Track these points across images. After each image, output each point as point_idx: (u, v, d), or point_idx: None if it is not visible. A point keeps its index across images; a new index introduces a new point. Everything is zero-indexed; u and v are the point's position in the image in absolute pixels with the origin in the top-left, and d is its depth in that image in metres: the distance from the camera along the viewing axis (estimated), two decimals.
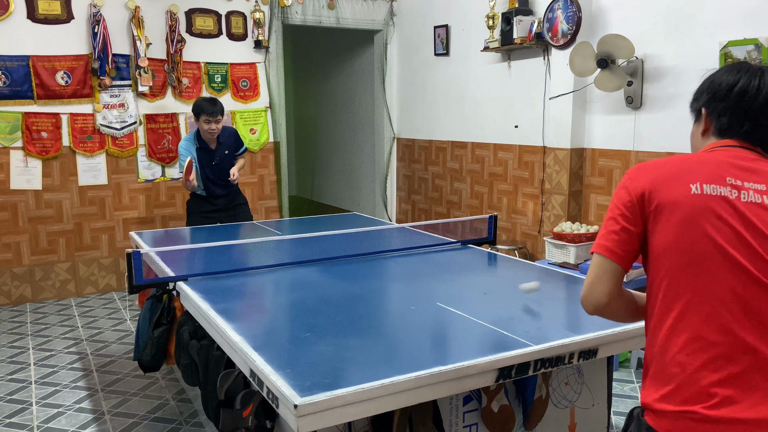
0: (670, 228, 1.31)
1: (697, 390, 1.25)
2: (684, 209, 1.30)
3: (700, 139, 1.48)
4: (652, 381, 1.34)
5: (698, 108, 1.48)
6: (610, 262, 1.37)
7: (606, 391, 2.48)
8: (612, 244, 1.37)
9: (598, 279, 1.39)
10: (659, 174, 1.36)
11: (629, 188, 1.37)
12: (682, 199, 1.30)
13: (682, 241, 1.29)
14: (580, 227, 4.20)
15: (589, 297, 1.40)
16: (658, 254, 1.33)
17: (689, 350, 1.27)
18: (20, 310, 4.98)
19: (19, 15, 4.86)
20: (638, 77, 3.95)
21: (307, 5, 5.90)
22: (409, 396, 1.65)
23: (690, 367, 1.27)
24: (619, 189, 1.40)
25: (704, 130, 1.46)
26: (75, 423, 3.12)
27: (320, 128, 8.05)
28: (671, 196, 1.31)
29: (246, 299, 2.51)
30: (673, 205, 1.31)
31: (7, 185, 4.98)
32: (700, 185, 1.31)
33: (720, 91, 1.41)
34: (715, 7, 3.54)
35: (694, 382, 1.26)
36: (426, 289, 2.57)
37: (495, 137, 5.20)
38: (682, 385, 1.27)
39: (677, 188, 1.32)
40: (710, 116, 1.44)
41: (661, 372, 1.31)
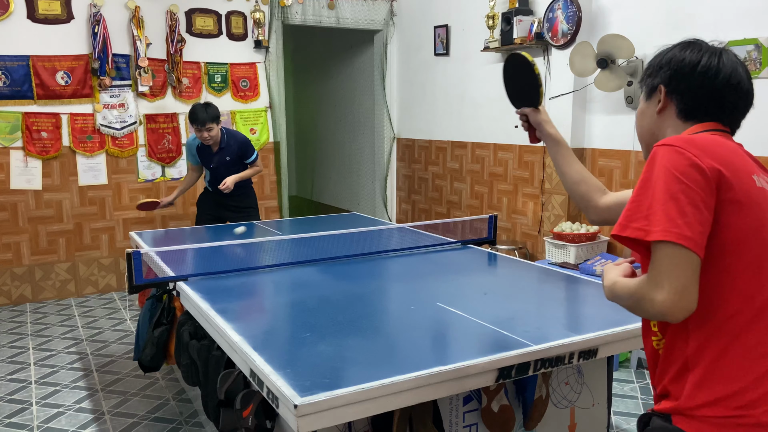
0: (748, 221, 1.18)
1: (760, 395, 1.19)
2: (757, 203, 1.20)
3: (654, 119, 1.38)
4: (699, 385, 1.21)
5: (654, 84, 1.37)
6: (698, 259, 1.14)
7: (606, 391, 2.48)
8: (698, 236, 1.14)
9: (692, 281, 1.14)
10: (722, 155, 1.20)
11: (701, 165, 1.16)
12: (753, 191, 1.20)
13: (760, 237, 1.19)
14: (580, 227, 4.20)
15: (688, 305, 1.15)
16: (731, 248, 1.18)
17: (756, 353, 1.20)
18: (20, 310, 4.99)
19: (19, 15, 4.86)
20: (638, 77, 3.95)
21: (307, 5, 5.90)
22: (409, 396, 1.65)
23: (756, 372, 1.20)
24: (686, 166, 1.16)
25: (661, 108, 1.36)
26: (75, 423, 3.12)
27: (320, 128, 8.05)
28: (744, 186, 1.19)
29: (246, 299, 2.51)
30: (748, 196, 1.18)
31: (7, 185, 4.98)
32: (759, 178, 1.23)
33: (683, 67, 1.32)
34: (715, 7, 3.54)
35: (758, 386, 1.19)
36: (426, 289, 2.57)
37: (495, 137, 5.20)
38: (745, 389, 1.19)
39: (745, 177, 1.20)
40: (672, 95, 1.34)
41: (718, 374, 1.21)
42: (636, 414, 3.15)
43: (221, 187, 4.35)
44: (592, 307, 2.39)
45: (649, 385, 3.46)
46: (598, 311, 2.32)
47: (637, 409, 3.20)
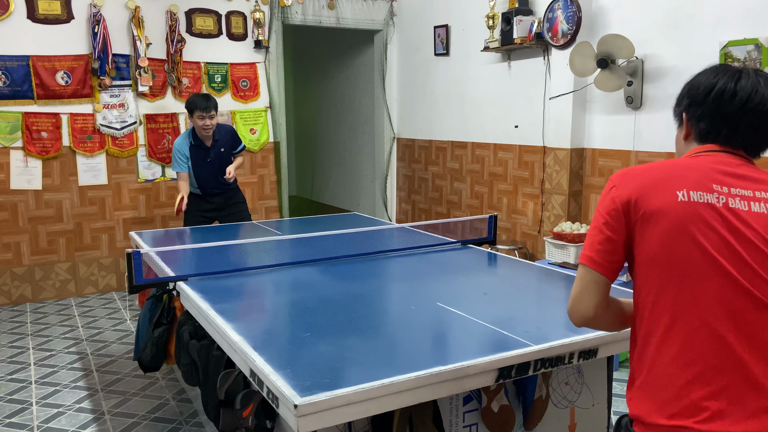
0: (657, 236, 1.27)
1: (688, 404, 1.23)
2: (671, 217, 1.26)
3: (683, 145, 1.45)
4: (641, 393, 1.30)
5: (680, 113, 1.45)
6: (595, 274, 1.33)
7: (606, 391, 2.48)
8: (596, 254, 1.33)
9: (583, 291, 1.35)
10: (644, 180, 1.31)
11: (614, 196, 1.32)
12: (669, 207, 1.26)
13: (670, 250, 1.26)
14: (580, 227, 4.20)
15: (576, 310, 1.37)
16: (645, 263, 1.29)
17: (679, 363, 1.25)
18: (20, 310, 4.98)
19: (19, 15, 4.86)
20: (638, 77, 3.95)
21: (307, 5, 5.90)
22: (409, 396, 1.65)
23: (680, 381, 1.24)
24: (603, 197, 1.35)
25: (686, 135, 1.43)
26: (75, 423, 3.12)
27: (320, 128, 8.05)
28: (658, 204, 1.27)
29: (246, 299, 2.51)
30: (659, 213, 1.27)
31: (7, 185, 4.98)
32: (687, 192, 1.27)
33: (698, 95, 1.38)
34: (715, 7, 3.54)
35: (684, 395, 1.24)
36: (426, 289, 2.57)
37: (495, 137, 5.20)
38: (673, 398, 1.25)
39: (664, 195, 1.28)
40: (690, 121, 1.41)
41: (651, 384, 1.28)
42: None
43: (227, 177, 4.41)
44: None
45: None
46: None
47: None
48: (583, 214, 4.49)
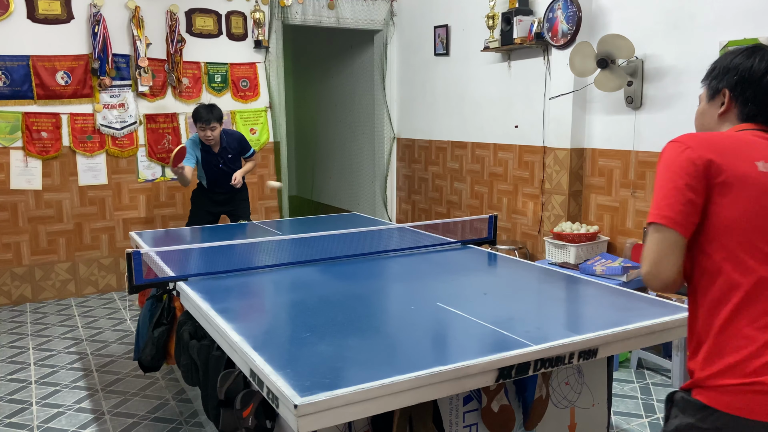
0: (741, 202, 1.28)
1: (764, 363, 1.24)
2: (755, 185, 1.28)
3: (715, 120, 1.45)
4: (709, 357, 1.30)
5: (719, 87, 1.43)
6: (676, 235, 1.30)
7: (606, 391, 2.48)
8: (678, 215, 1.30)
9: (665, 254, 1.31)
10: (721, 146, 1.32)
11: (693, 157, 1.31)
12: (752, 175, 1.28)
13: (756, 217, 1.27)
14: (580, 227, 4.20)
15: (659, 274, 1.32)
16: (724, 228, 1.29)
17: (760, 324, 1.26)
18: (20, 310, 4.98)
19: (19, 15, 4.86)
20: (638, 77, 3.95)
21: (307, 5, 5.90)
22: (409, 396, 1.65)
23: (760, 340, 1.25)
24: (679, 157, 1.32)
25: (724, 111, 1.43)
26: (75, 423, 3.12)
27: (320, 128, 8.05)
28: (740, 170, 1.29)
29: (246, 299, 2.51)
30: (743, 179, 1.28)
31: (7, 185, 4.98)
32: (765, 164, 1.30)
33: (751, 76, 1.38)
34: (715, 7, 3.54)
35: (763, 354, 1.25)
36: (426, 289, 2.57)
37: (495, 137, 5.20)
38: (750, 357, 1.25)
39: (744, 163, 1.29)
40: (735, 99, 1.41)
41: (723, 346, 1.29)
42: (636, 414, 3.15)
43: (233, 182, 4.55)
44: (592, 307, 2.39)
45: (649, 385, 3.47)
46: (598, 311, 2.32)
47: (637, 409, 3.20)
48: (583, 214, 4.49)
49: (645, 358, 3.67)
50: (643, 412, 3.16)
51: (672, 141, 1.37)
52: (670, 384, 3.46)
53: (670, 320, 2.06)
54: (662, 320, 2.05)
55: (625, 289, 2.50)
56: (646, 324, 2.02)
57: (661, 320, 2.05)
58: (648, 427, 3.02)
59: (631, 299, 2.34)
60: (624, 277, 3.53)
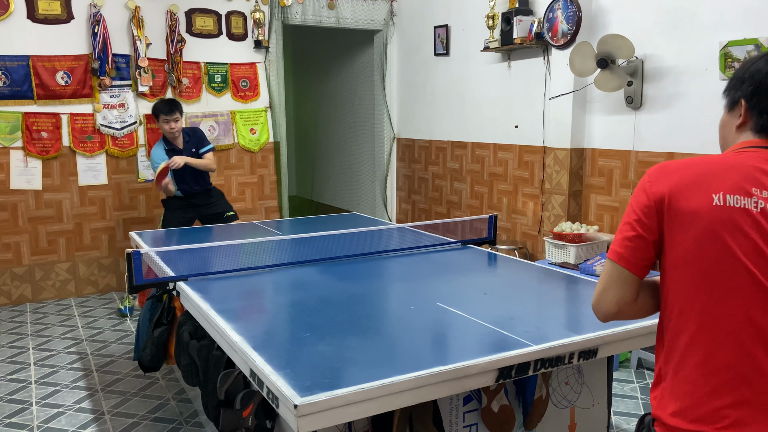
0: (688, 240, 1.24)
1: (710, 410, 1.23)
2: (704, 221, 1.22)
3: (733, 132, 1.37)
4: (665, 394, 1.30)
5: (737, 98, 1.35)
6: (621, 270, 1.31)
7: (606, 391, 2.48)
8: (625, 250, 1.30)
9: (608, 287, 1.33)
10: (681, 178, 1.27)
11: (648, 192, 1.29)
12: (703, 210, 1.22)
13: (701, 256, 1.23)
14: (580, 227, 4.20)
15: (599, 305, 1.35)
16: (675, 265, 1.27)
17: (704, 370, 1.24)
18: (20, 310, 4.98)
19: (19, 15, 4.86)
20: (638, 77, 3.95)
21: (307, 5, 5.90)
22: (409, 396, 1.65)
23: (704, 388, 1.24)
24: (638, 191, 1.31)
25: (741, 123, 1.35)
26: (75, 423, 3.12)
27: (320, 128, 8.05)
28: (692, 206, 1.23)
29: (246, 299, 2.51)
30: (693, 215, 1.23)
31: (7, 185, 4.98)
32: (723, 196, 1.22)
33: (765, 84, 1.29)
34: (715, 7, 3.54)
35: (707, 402, 1.23)
36: (426, 289, 2.57)
37: (495, 137, 5.20)
38: (695, 404, 1.24)
39: (699, 197, 1.23)
40: (751, 110, 1.32)
41: (676, 388, 1.28)
42: (636, 414, 3.15)
43: (171, 163, 4.45)
44: None
45: (649, 385, 3.47)
46: None
47: (637, 409, 3.20)
48: (583, 214, 4.49)
49: (645, 358, 3.67)
50: (643, 412, 3.16)
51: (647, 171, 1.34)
52: None
53: None
54: None
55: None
56: (646, 324, 2.02)
57: None
58: None
59: None
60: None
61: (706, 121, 3.56)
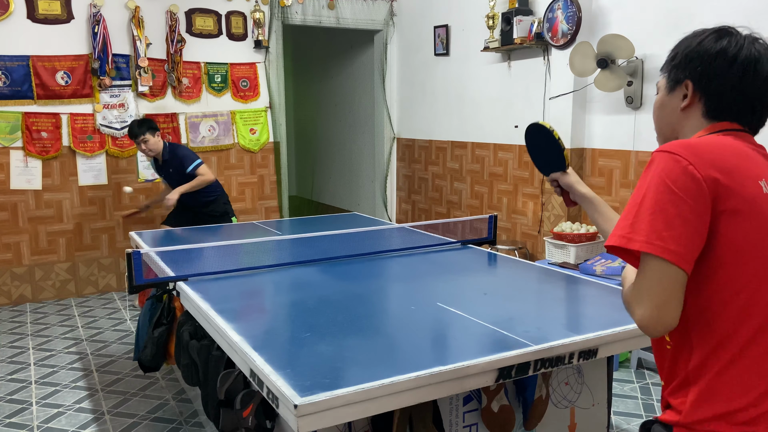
0: (752, 230, 1.10)
1: (762, 412, 1.14)
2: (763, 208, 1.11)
3: (677, 114, 1.26)
4: (699, 399, 1.17)
5: (680, 78, 1.24)
6: (679, 272, 1.09)
7: (606, 391, 2.48)
8: (684, 249, 1.08)
9: (671, 296, 1.10)
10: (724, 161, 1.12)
11: (697, 175, 1.09)
12: (758, 199, 1.11)
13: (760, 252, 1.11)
14: (580, 227, 4.20)
15: (663, 319, 1.11)
16: (733, 259, 1.12)
17: (759, 371, 1.14)
18: (20, 310, 4.98)
19: (19, 15, 4.86)
20: (638, 77, 3.95)
21: (307, 5, 5.90)
22: (409, 396, 1.65)
23: (760, 388, 1.14)
24: (679, 174, 1.09)
25: (687, 105, 1.23)
26: (75, 423, 3.12)
27: (320, 128, 8.05)
28: (747, 194, 1.10)
29: (246, 299, 2.51)
30: (751, 204, 1.10)
31: (7, 185, 4.98)
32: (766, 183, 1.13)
33: (716, 66, 1.18)
34: (715, 7, 3.54)
35: (760, 403, 1.14)
36: (426, 289, 2.57)
37: (495, 137, 5.20)
38: (747, 407, 1.14)
39: (750, 184, 1.11)
40: (700, 91, 1.21)
41: (718, 391, 1.16)
42: (636, 414, 3.15)
43: (166, 202, 4.48)
44: (592, 307, 2.39)
45: (649, 385, 3.46)
46: (598, 311, 2.32)
47: (637, 409, 3.19)
48: (583, 214, 4.49)
49: (645, 358, 3.67)
50: (643, 412, 3.15)
51: (664, 151, 1.14)
52: None
53: None
54: None
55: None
56: None
57: None
58: None
59: None
60: None
61: None
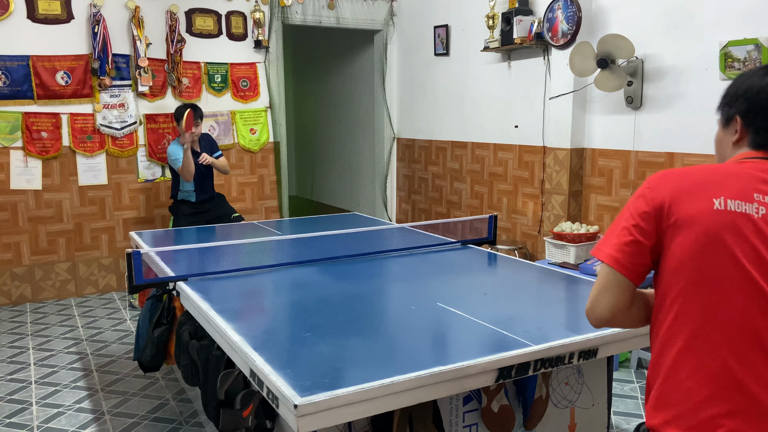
0: (687, 244, 1.22)
1: (704, 419, 1.20)
2: (704, 225, 1.21)
3: (730, 148, 1.38)
4: (657, 403, 1.27)
5: (731, 114, 1.36)
6: (617, 275, 1.29)
7: (606, 391, 2.48)
8: (622, 255, 1.28)
9: (603, 292, 1.31)
10: (682, 185, 1.26)
11: (647, 198, 1.28)
12: (703, 215, 1.22)
13: (700, 259, 1.21)
14: (580, 227, 4.20)
15: (592, 310, 1.33)
16: (671, 271, 1.25)
17: (698, 377, 1.21)
18: (20, 310, 4.98)
19: (19, 15, 4.86)
20: (638, 77, 3.95)
21: (307, 5, 5.90)
22: (409, 396, 1.65)
23: (697, 396, 1.21)
24: (637, 197, 1.30)
25: (738, 139, 1.35)
26: (75, 423, 3.12)
27: (320, 128, 8.05)
28: (692, 211, 1.23)
29: (246, 299, 2.51)
30: (692, 220, 1.22)
31: (7, 185, 4.97)
32: (724, 201, 1.22)
33: (760, 101, 1.30)
34: (715, 7, 3.54)
35: (700, 410, 1.20)
36: (426, 289, 2.57)
37: (495, 137, 5.19)
38: (688, 412, 1.22)
39: (699, 202, 1.23)
40: (747, 127, 1.33)
41: (667, 396, 1.25)
42: (636, 414, 3.15)
43: (201, 160, 4.64)
44: None
45: None
46: None
47: (637, 409, 3.19)
48: (583, 214, 4.49)
49: (645, 358, 3.67)
50: (643, 412, 3.16)
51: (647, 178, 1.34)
52: None
53: None
54: None
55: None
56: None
57: None
58: None
59: None
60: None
61: (706, 121, 3.55)
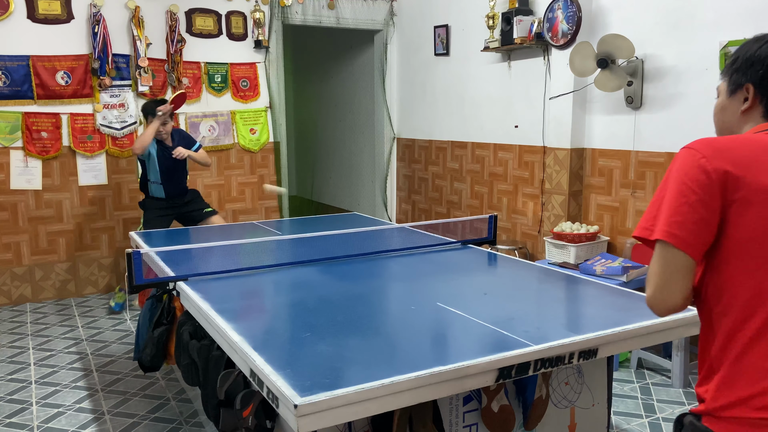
0: (762, 220, 1.15)
1: None
2: None
3: (737, 117, 1.32)
4: (721, 386, 1.22)
5: (741, 81, 1.30)
6: (686, 258, 1.18)
7: (606, 391, 2.48)
8: (687, 234, 1.17)
9: (673, 278, 1.19)
10: (740, 154, 1.18)
11: (707, 168, 1.17)
12: None
13: None
14: (580, 227, 4.20)
15: (665, 300, 1.21)
16: (743, 249, 1.17)
17: None
18: (20, 310, 4.98)
19: (19, 15, 4.86)
20: (638, 77, 3.95)
21: (307, 5, 5.90)
22: (409, 396, 1.65)
23: None
24: (692, 168, 1.18)
25: (748, 108, 1.30)
26: (75, 423, 3.12)
27: (320, 128, 8.05)
28: (762, 184, 1.16)
29: (246, 299, 2.51)
30: (764, 194, 1.15)
31: (7, 185, 4.97)
32: None
33: None
34: (715, 7, 3.54)
35: None
36: (426, 289, 2.57)
37: (495, 137, 5.20)
38: (764, 392, 1.17)
39: (765, 175, 1.16)
40: (762, 96, 1.28)
41: (738, 377, 1.20)
42: (636, 414, 3.15)
43: (175, 153, 4.48)
44: (592, 307, 2.39)
45: (649, 385, 3.46)
46: (598, 311, 2.32)
47: (637, 409, 3.20)
48: (583, 214, 4.49)
49: (645, 358, 3.67)
50: (643, 412, 3.16)
51: (686, 147, 1.23)
52: (670, 384, 3.46)
53: (670, 320, 2.05)
54: (662, 320, 2.05)
55: (625, 289, 2.50)
56: (646, 324, 2.02)
57: (661, 320, 2.05)
58: (648, 427, 3.02)
59: (631, 299, 2.34)
60: (624, 277, 3.53)
61: (707, 120, 3.55)
